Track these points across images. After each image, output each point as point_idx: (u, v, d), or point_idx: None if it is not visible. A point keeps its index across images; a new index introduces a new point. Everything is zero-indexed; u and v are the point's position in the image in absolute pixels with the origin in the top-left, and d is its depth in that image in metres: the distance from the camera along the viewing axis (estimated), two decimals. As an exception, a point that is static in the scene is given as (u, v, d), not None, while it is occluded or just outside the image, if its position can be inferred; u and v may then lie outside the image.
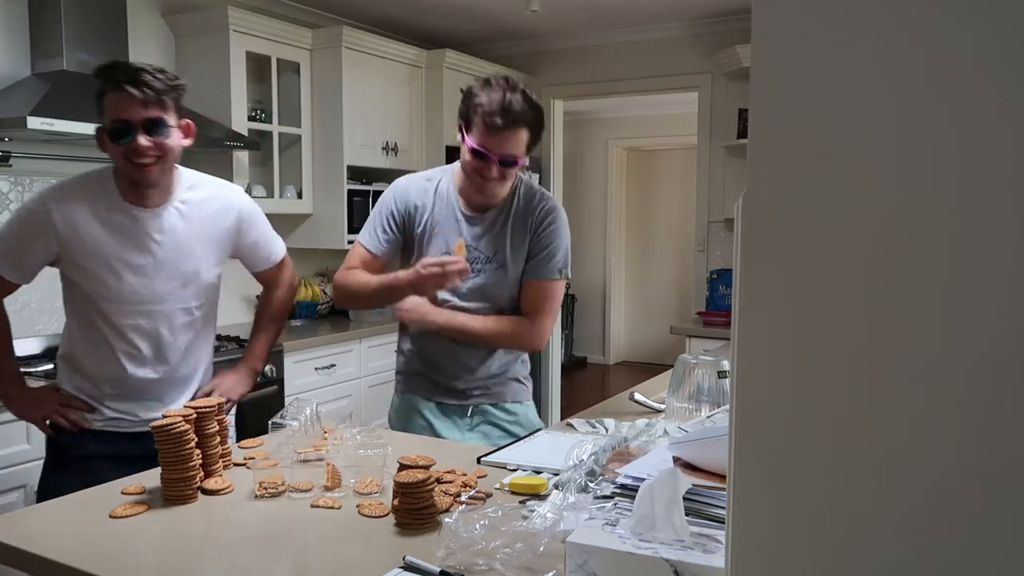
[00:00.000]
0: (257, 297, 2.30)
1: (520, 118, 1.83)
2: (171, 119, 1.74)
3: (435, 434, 2.01)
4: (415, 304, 1.92)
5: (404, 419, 2.08)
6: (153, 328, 1.84)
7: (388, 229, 1.99)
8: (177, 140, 1.78)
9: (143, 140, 1.69)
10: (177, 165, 1.86)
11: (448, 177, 2.03)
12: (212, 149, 3.39)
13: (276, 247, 2.07)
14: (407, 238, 2.01)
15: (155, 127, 1.71)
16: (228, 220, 1.92)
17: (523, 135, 1.86)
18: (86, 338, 1.85)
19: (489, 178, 1.88)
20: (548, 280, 1.98)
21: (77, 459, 1.84)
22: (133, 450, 1.82)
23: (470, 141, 1.87)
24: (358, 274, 1.99)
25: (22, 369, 2.03)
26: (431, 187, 2.00)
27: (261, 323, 2.12)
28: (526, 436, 1.92)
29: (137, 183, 1.76)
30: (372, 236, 2.00)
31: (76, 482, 1.59)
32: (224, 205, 1.92)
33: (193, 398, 1.93)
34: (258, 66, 3.67)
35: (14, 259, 1.81)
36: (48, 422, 1.88)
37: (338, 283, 2.02)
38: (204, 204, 1.88)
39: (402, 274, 1.90)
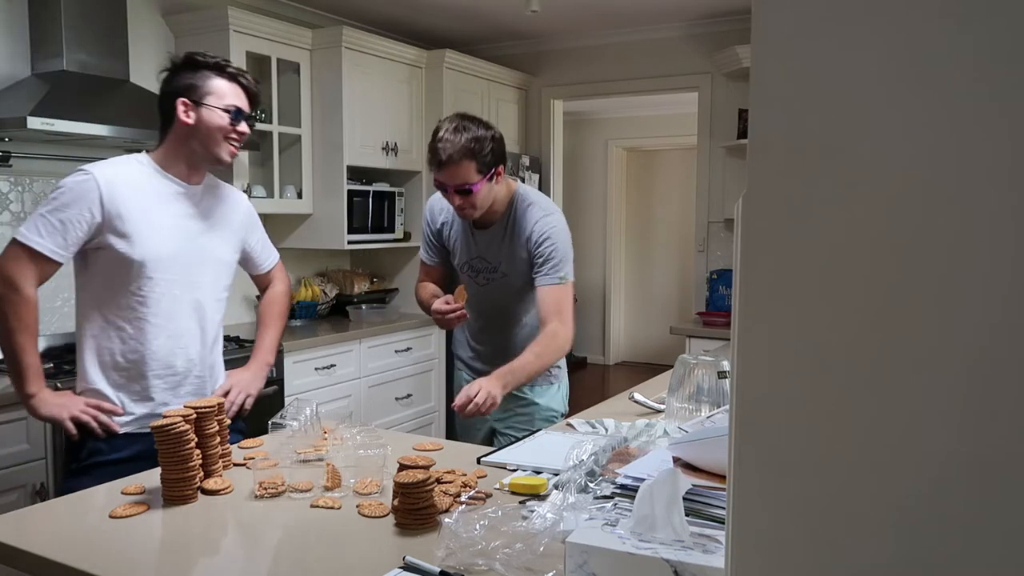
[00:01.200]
0: (257, 297, 2.34)
1: (453, 156, 2.01)
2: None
3: None
4: (491, 397, 1.99)
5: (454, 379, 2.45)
6: (195, 299, 1.89)
7: (432, 245, 2.36)
8: None
9: (246, 127, 1.91)
10: None
11: None
12: (212, 149, 3.39)
13: (274, 250, 2.22)
14: (446, 246, 2.32)
15: (248, 119, 1.92)
16: (241, 212, 2.05)
17: (465, 166, 2.03)
18: (119, 329, 1.81)
19: (454, 204, 2.11)
20: (553, 286, 2.14)
21: (106, 464, 1.78)
22: None
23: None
24: (422, 289, 2.38)
25: None
26: (448, 205, 2.20)
27: (267, 320, 2.18)
28: (526, 435, 1.93)
29: (219, 162, 1.89)
30: (424, 251, 2.39)
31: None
32: (236, 198, 2.07)
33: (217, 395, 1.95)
34: (258, 66, 3.67)
35: (56, 235, 1.75)
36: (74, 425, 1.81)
37: (416, 292, 2.42)
38: (222, 193, 2.01)
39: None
